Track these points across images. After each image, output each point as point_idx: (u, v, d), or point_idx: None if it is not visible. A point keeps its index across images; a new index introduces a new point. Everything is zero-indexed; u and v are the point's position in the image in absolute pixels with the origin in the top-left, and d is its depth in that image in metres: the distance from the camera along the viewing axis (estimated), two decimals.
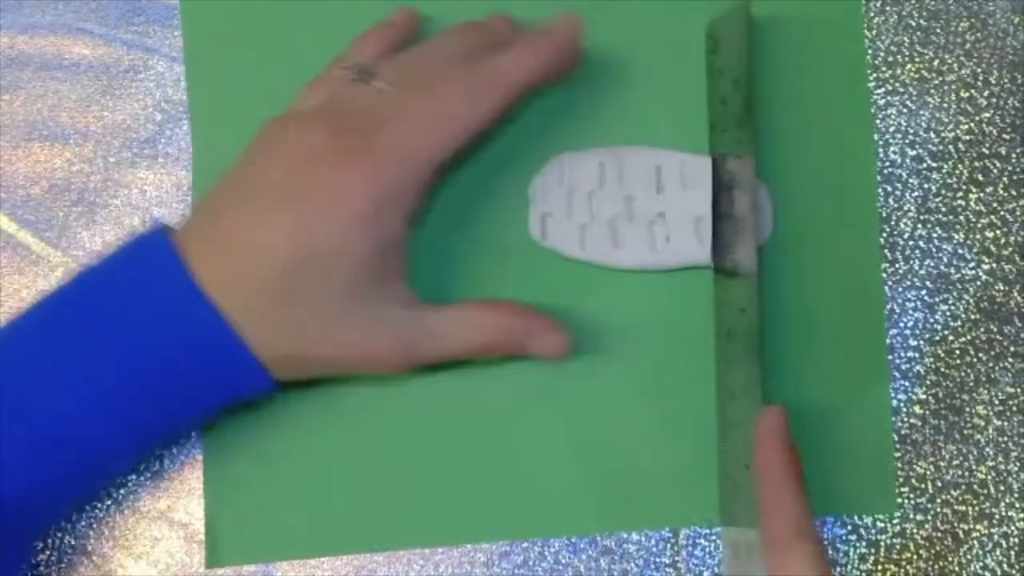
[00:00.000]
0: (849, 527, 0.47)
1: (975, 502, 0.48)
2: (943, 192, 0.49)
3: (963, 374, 0.48)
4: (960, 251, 0.49)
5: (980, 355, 0.48)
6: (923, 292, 0.49)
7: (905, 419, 0.48)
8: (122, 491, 0.47)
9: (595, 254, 0.47)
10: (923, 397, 0.48)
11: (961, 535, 0.47)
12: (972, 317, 0.49)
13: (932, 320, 0.48)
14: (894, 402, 0.48)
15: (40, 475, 0.41)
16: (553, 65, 0.45)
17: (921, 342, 0.48)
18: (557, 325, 0.45)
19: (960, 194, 0.49)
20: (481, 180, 0.48)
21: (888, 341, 0.48)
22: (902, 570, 0.47)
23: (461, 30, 0.47)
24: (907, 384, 0.48)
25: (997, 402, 0.48)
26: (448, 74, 0.43)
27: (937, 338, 0.48)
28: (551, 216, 0.48)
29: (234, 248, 0.41)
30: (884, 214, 0.49)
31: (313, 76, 0.47)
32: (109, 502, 0.47)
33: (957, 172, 0.49)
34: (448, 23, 0.48)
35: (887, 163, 0.49)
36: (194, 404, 0.43)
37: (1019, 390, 0.48)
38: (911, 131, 0.50)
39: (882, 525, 0.47)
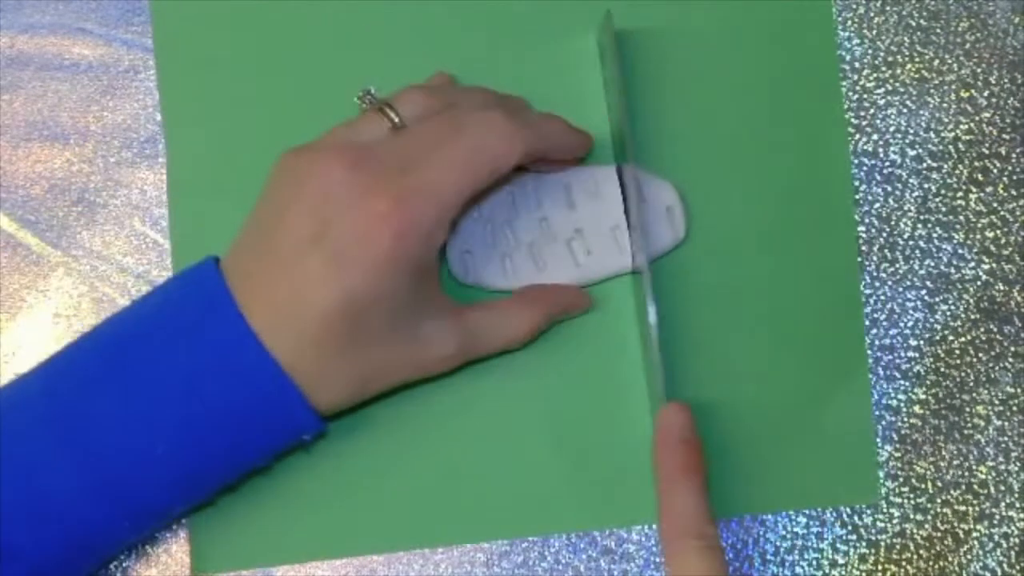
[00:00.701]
0: (849, 527, 0.47)
1: (975, 502, 0.48)
2: (943, 192, 0.49)
3: (963, 374, 0.48)
4: (960, 251, 0.49)
5: (980, 355, 0.48)
6: (923, 292, 0.49)
7: (905, 419, 0.48)
8: None
9: (520, 281, 0.47)
10: (923, 397, 0.48)
11: (961, 535, 0.47)
12: (972, 317, 0.49)
13: (932, 320, 0.48)
14: (894, 402, 0.48)
15: (90, 519, 0.40)
16: (570, 147, 0.46)
17: (921, 342, 0.48)
18: (578, 289, 0.48)
19: (960, 194, 0.49)
20: None
21: (888, 341, 0.48)
22: (902, 570, 0.47)
23: (486, 89, 0.47)
24: (907, 384, 0.48)
25: (997, 402, 0.48)
26: (482, 114, 0.43)
27: (937, 338, 0.48)
28: (470, 253, 0.47)
29: (279, 299, 0.41)
30: (884, 214, 0.49)
31: (284, 78, 0.48)
32: None
33: (957, 172, 0.49)
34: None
35: (887, 163, 0.49)
36: (248, 454, 0.43)
37: (1019, 390, 0.48)
38: (911, 131, 0.50)
39: (882, 525, 0.47)
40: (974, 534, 0.47)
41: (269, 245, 0.42)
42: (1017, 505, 0.48)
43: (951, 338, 0.48)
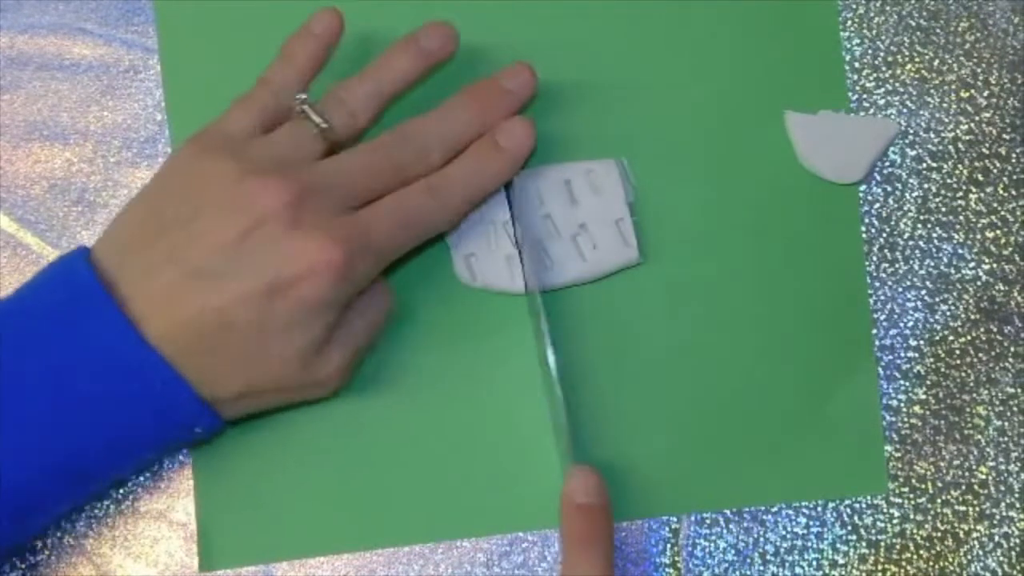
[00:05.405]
0: (849, 527, 0.47)
1: (975, 502, 0.48)
2: (943, 192, 0.49)
3: (963, 374, 0.48)
4: (960, 251, 0.49)
5: (980, 355, 0.48)
6: (923, 292, 0.49)
7: (905, 419, 0.48)
8: (121, 491, 0.47)
9: (527, 280, 0.47)
10: (923, 397, 0.48)
11: (961, 535, 0.47)
12: (972, 317, 0.49)
13: (932, 320, 0.48)
14: (894, 402, 0.48)
15: None
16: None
17: (921, 342, 0.48)
18: (383, 285, 0.46)
19: (960, 194, 0.49)
20: None
21: (888, 341, 0.48)
22: (902, 570, 0.47)
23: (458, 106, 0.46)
24: (907, 384, 0.48)
25: (997, 402, 0.48)
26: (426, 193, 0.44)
27: (937, 338, 0.48)
28: (474, 256, 0.48)
29: (177, 300, 0.40)
30: (884, 214, 0.49)
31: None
32: (108, 502, 0.47)
33: (957, 172, 0.49)
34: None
35: (887, 163, 0.49)
36: (138, 445, 0.42)
37: (1019, 390, 0.48)
38: (911, 131, 0.50)
39: (882, 525, 0.47)
40: (974, 534, 0.47)
41: (176, 241, 0.41)
42: (1017, 505, 0.48)
43: (951, 338, 0.48)
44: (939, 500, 0.48)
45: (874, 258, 0.49)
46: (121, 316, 0.40)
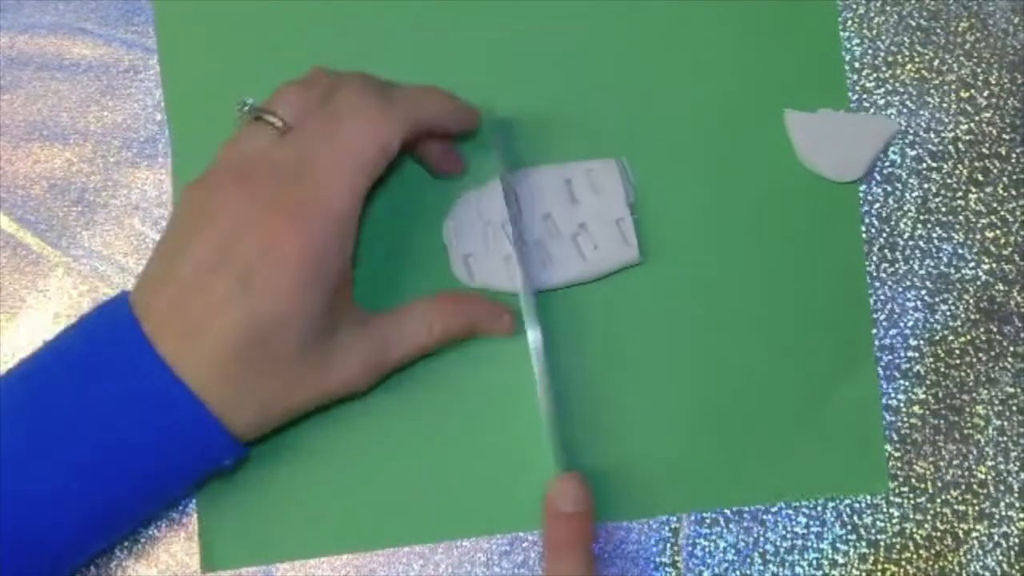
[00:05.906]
0: (849, 527, 0.47)
1: (975, 502, 0.48)
2: (943, 192, 0.49)
3: (963, 374, 0.48)
4: (960, 251, 0.49)
5: (980, 355, 0.48)
6: (923, 292, 0.49)
7: (905, 419, 0.48)
8: None
9: (527, 279, 0.47)
10: (923, 397, 0.48)
11: (961, 535, 0.47)
12: (972, 317, 0.49)
13: (932, 320, 0.49)
14: (894, 402, 0.48)
15: (13, 562, 0.39)
16: (454, 117, 0.46)
17: (921, 342, 0.48)
18: (504, 308, 0.47)
19: (960, 194, 0.49)
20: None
21: (888, 341, 0.48)
22: (902, 570, 0.47)
23: (363, 74, 0.45)
24: (907, 384, 0.48)
25: (997, 402, 0.48)
26: (356, 107, 0.42)
27: (937, 338, 0.48)
28: (472, 256, 0.48)
29: (186, 325, 0.40)
30: (884, 214, 0.49)
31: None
32: None
33: (957, 172, 0.49)
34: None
35: (887, 163, 0.49)
36: (169, 482, 0.42)
37: (1019, 390, 0.48)
38: (911, 131, 0.50)
39: (882, 525, 0.47)
40: (974, 534, 0.47)
41: (174, 274, 0.41)
42: (1017, 505, 0.48)
43: (951, 338, 0.48)
44: (939, 500, 0.48)
45: (874, 258, 0.49)
46: (152, 354, 0.40)
